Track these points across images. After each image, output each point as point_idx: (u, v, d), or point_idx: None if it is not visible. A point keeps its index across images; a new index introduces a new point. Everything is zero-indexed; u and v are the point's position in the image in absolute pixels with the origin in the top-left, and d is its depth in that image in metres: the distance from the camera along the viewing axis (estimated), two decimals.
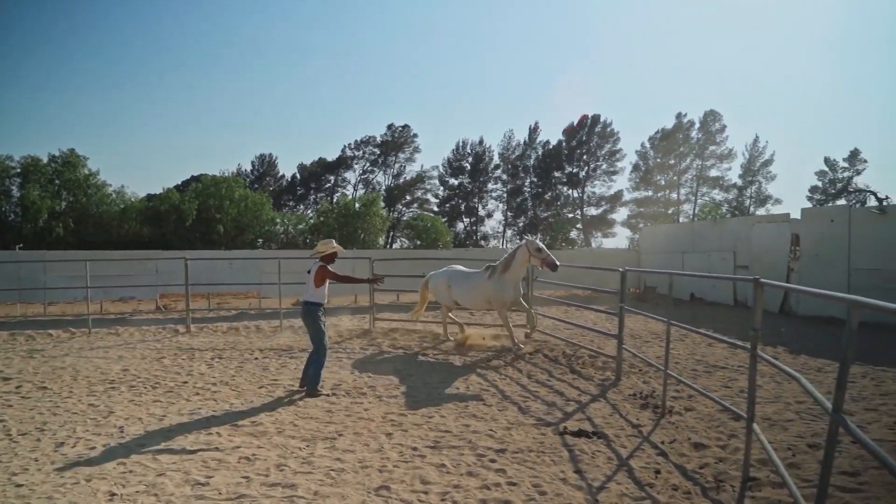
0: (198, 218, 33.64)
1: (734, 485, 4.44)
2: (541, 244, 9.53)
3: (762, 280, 4.43)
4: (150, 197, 37.19)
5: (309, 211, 57.54)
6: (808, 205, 53.16)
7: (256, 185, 56.65)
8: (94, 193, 34.30)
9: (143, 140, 77.03)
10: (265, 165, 66.12)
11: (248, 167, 65.44)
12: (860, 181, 54.10)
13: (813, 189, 57.40)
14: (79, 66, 75.60)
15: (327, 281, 7.51)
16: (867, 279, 13.13)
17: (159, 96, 78.74)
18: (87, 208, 33.66)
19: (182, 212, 32.97)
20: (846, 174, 55.84)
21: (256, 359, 9.77)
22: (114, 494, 4.34)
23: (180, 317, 14.78)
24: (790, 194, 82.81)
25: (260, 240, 38.21)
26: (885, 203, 15.34)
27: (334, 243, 7.70)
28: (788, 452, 5.05)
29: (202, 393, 7.51)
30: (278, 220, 39.49)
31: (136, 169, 76.88)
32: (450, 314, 11.49)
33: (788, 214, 17.23)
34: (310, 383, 7.34)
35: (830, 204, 48.95)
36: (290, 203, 63.45)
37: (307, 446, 5.45)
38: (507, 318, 10.09)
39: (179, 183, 46.51)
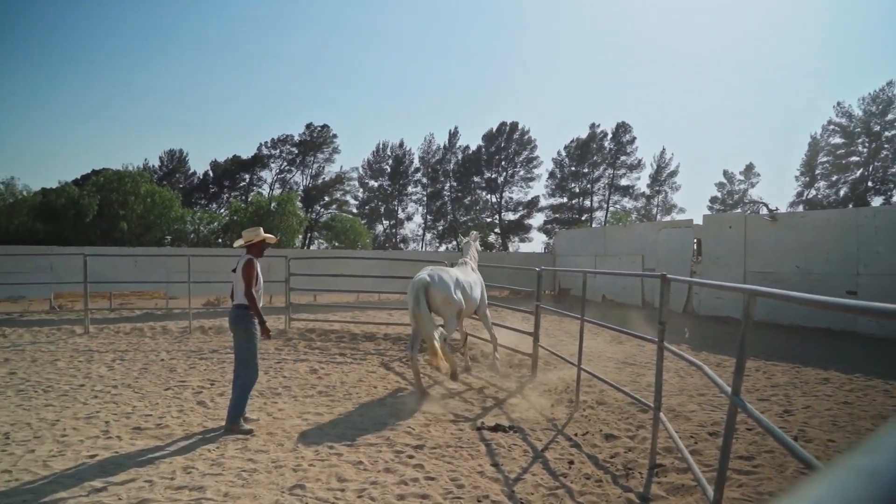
0: (99, 214, 31.49)
1: (642, 472, 4.63)
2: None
3: (668, 276, 4.66)
4: (44, 191, 34.46)
5: (222, 210, 55.34)
6: (710, 213, 56.75)
7: (165, 182, 53.77)
8: None
9: (37, 131, 71.03)
10: (175, 161, 62.84)
11: (156, 163, 62.08)
12: (754, 193, 58.57)
13: (713, 199, 61.21)
14: None
15: (258, 278, 6.06)
16: (760, 280, 14.11)
17: (57, 85, 72.79)
18: None
19: (81, 207, 30.74)
20: (742, 186, 60.03)
21: (163, 360, 9.26)
22: None
23: (77, 317, 13.77)
24: (693, 204, 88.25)
25: (168, 238, 36.32)
26: (774, 212, 16.61)
27: (262, 231, 6.30)
28: (691, 440, 5.33)
29: (101, 396, 7.02)
30: (188, 219, 37.71)
31: (29, 161, 70.60)
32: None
33: (692, 220, 18.32)
34: (230, 412, 5.77)
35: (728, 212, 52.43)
36: (202, 201, 60.74)
37: (217, 448, 5.20)
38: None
39: (79, 177, 43.57)
